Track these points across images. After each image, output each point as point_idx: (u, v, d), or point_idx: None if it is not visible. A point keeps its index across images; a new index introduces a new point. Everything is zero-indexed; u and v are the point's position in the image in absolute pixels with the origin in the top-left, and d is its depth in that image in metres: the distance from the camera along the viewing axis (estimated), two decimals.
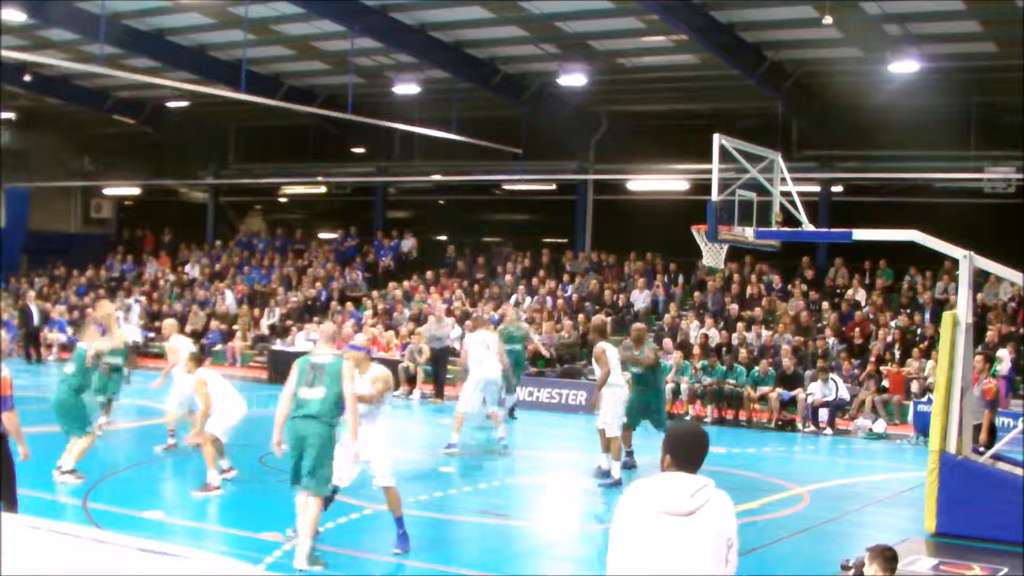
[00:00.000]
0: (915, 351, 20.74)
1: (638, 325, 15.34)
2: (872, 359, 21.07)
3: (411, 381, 23.05)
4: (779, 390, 20.07)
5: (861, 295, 23.77)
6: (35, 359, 26.92)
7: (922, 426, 17.21)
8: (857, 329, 22.16)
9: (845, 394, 19.79)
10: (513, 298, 26.70)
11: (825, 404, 19.54)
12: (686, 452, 4.64)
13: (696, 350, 21.84)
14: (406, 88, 27.12)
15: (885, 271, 24.58)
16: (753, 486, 13.87)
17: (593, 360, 13.70)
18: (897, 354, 21.11)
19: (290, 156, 34.63)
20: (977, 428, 13.42)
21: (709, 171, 12.73)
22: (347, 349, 9.70)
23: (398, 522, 9.58)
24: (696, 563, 4.43)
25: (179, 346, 14.39)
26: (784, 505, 12.54)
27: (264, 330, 28.20)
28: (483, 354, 15.94)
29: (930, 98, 23.98)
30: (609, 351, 13.51)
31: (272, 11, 23.30)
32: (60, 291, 32.84)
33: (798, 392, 19.96)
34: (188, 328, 28.42)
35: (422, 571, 9.16)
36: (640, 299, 25.60)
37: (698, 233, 13.18)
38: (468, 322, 21.06)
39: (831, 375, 19.80)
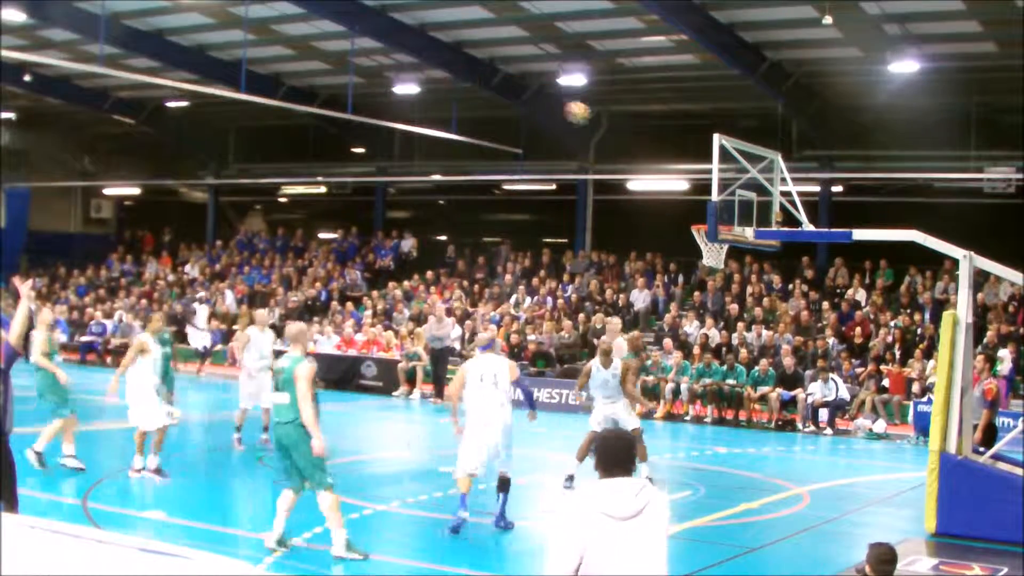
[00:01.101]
0: (916, 351, 20.73)
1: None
2: (872, 359, 21.06)
3: (411, 381, 23.06)
4: (779, 390, 20.07)
5: (861, 295, 23.76)
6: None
7: (922, 426, 17.21)
8: (857, 329, 22.16)
9: (845, 394, 19.80)
10: (513, 298, 26.70)
11: (825, 404, 19.54)
12: (618, 459, 4.85)
13: (696, 350, 21.83)
14: (406, 88, 27.12)
15: (886, 271, 24.57)
16: (753, 486, 13.87)
17: (623, 376, 12.95)
18: (897, 354, 21.10)
19: (290, 156, 34.62)
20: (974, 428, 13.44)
21: (709, 171, 12.72)
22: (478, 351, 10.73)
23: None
24: (645, 563, 4.64)
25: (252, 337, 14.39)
26: (784, 505, 12.54)
27: None
28: None
29: (930, 98, 23.97)
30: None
31: (272, 11, 23.29)
32: (60, 291, 32.84)
33: (798, 392, 19.97)
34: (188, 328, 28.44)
35: (422, 571, 9.16)
36: (640, 299, 25.59)
37: (698, 233, 13.17)
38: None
39: (831, 375, 19.80)
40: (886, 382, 20.42)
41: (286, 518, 9.16)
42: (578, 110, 16.40)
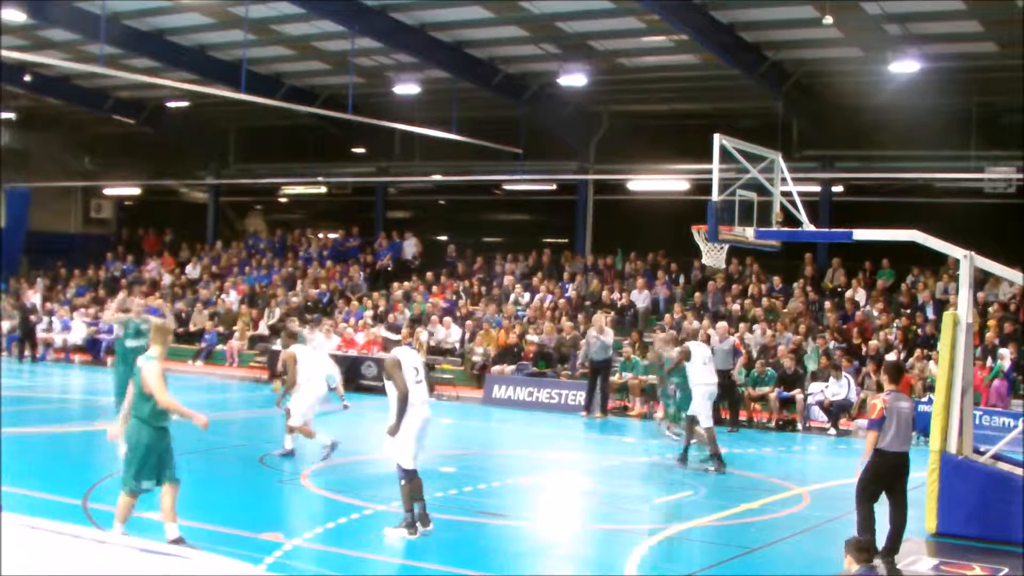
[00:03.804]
0: (916, 351, 20.70)
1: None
2: (872, 359, 21.00)
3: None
4: (778, 390, 20.04)
5: (861, 295, 23.74)
6: (28, 358, 26.95)
7: (922, 426, 17.18)
8: (857, 329, 22.12)
9: (854, 394, 19.66)
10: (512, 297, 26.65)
11: (835, 403, 19.43)
12: None
13: None
14: (406, 88, 27.11)
15: (888, 271, 24.55)
16: (753, 486, 13.87)
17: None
18: (901, 355, 21.03)
19: (290, 156, 34.61)
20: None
21: (709, 171, 12.72)
22: None
23: None
24: None
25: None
26: (784, 505, 12.53)
27: (264, 330, 28.12)
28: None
29: (930, 98, 23.96)
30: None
31: (272, 11, 23.29)
32: (61, 291, 32.83)
33: (796, 392, 19.93)
34: (192, 327, 28.42)
35: (422, 571, 9.16)
36: (640, 299, 25.57)
37: (698, 233, 13.17)
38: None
39: (844, 373, 19.72)
40: None
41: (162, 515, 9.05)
42: None
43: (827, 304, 23.53)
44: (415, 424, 10.00)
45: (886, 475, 9.67)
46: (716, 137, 12.70)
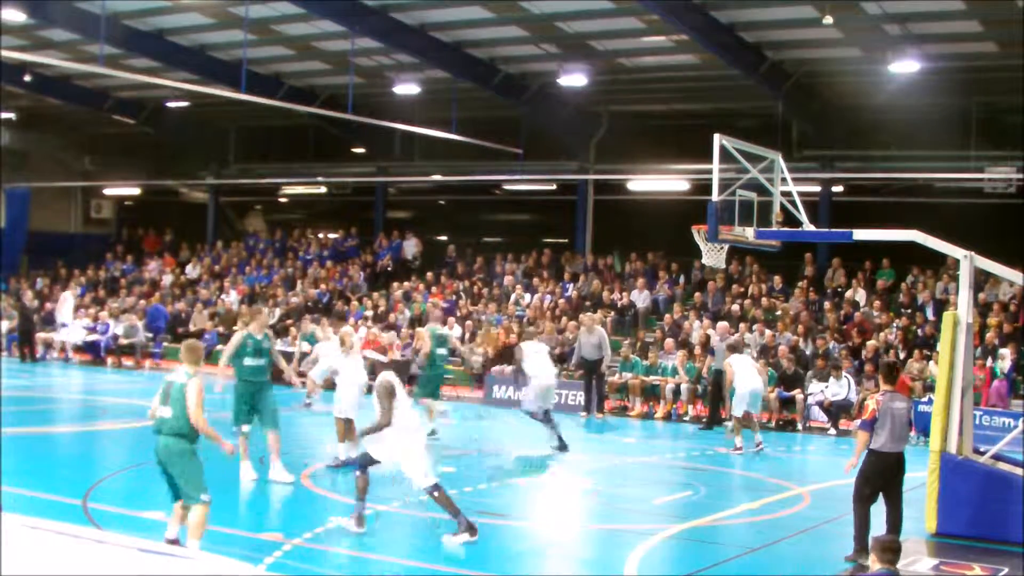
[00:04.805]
0: (917, 352, 20.69)
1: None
2: (870, 359, 21.00)
3: (411, 381, 23.04)
4: (778, 390, 20.04)
5: (861, 295, 23.74)
6: (29, 358, 26.95)
7: (922, 426, 17.20)
8: (857, 329, 22.11)
9: (854, 394, 19.66)
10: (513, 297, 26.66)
11: (835, 403, 19.43)
12: None
13: (697, 350, 21.80)
14: (406, 88, 27.11)
15: (888, 271, 24.53)
16: (753, 486, 13.87)
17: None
18: (901, 355, 21.04)
19: (290, 156, 34.62)
20: None
21: (709, 171, 12.73)
22: None
23: None
24: None
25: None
26: (784, 505, 12.54)
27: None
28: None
29: (930, 98, 23.96)
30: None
31: (272, 11, 23.30)
32: (61, 291, 32.79)
33: (796, 392, 19.92)
34: (192, 327, 28.43)
35: (422, 571, 9.16)
36: (640, 299, 25.57)
37: (698, 233, 13.18)
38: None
39: (844, 372, 19.71)
40: None
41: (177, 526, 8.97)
42: None
43: (827, 304, 23.53)
44: (419, 442, 10.14)
45: (882, 475, 9.69)
46: (716, 137, 12.71)
